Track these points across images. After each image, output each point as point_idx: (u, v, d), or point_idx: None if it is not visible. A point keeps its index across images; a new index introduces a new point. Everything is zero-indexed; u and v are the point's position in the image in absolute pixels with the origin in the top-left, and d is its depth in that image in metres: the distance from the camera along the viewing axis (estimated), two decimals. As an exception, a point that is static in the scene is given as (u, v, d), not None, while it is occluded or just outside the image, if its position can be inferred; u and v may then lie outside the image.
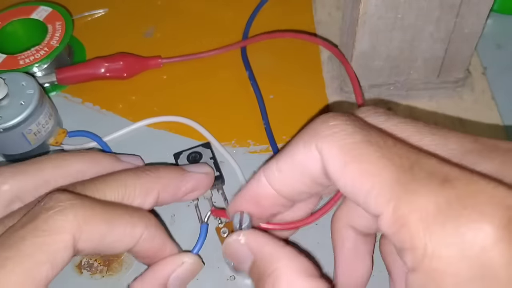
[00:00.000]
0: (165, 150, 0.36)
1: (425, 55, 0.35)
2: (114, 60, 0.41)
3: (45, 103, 0.36)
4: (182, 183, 0.30)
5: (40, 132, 0.36)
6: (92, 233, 0.24)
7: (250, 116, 0.39)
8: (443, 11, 0.33)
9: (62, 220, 0.23)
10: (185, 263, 0.28)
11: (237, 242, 0.25)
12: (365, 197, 0.19)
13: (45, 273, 0.22)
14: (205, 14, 0.46)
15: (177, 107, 0.39)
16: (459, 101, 0.38)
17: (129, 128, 0.38)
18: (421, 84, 0.37)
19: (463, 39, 0.35)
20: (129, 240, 0.26)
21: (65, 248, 0.23)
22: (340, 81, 0.38)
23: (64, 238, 0.23)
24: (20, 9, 0.43)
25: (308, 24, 0.44)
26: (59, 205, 0.23)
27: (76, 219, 0.23)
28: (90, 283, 0.32)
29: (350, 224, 0.26)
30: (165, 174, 0.30)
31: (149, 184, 0.29)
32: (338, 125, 0.21)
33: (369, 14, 0.32)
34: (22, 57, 0.40)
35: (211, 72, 0.42)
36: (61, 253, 0.23)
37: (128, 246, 0.26)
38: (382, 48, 0.35)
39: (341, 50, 0.38)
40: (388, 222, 0.18)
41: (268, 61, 0.42)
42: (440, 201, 0.17)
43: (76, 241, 0.23)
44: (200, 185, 0.32)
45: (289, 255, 0.23)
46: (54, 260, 0.22)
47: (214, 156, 0.35)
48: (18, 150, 0.36)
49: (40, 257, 0.22)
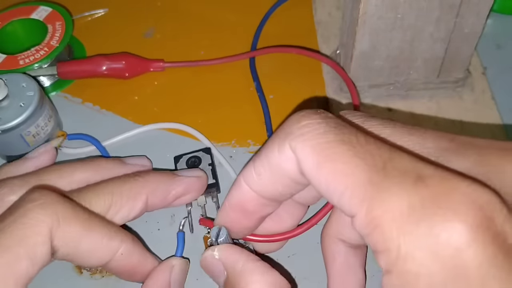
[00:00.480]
0: (166, 152, 0.36)
1: (425, 55, 0.35)
2: (117, 59, 0.41)
3: (45, 105, 0.36)
4: (171, 187, 0.30)
5: (39, 134, 0.35)
6: (68, 233, 0.24)
7: (250, 116, 0.39)
8: (443, 11, 0.33)
9: (40, 213, 0.23)
10: (175, 266, 0.29)
11: (211, 257, 0.25)
12: (339, 198, 0.19)
13: (25, 268, 0.22)
14: (204, 15, 0.46)
15: (178, 107, 0.39)
16: (459, 101, 0.38)
17: (129, 133, 0.38)
18: (421, 84, 0.37)
19: (463, 39, 0.35)
20: (105, 252, 0.26)
21: (43, 242, 0.23)
22: (340, 81, 0.38)
23: (42, 231, 0.23)
24: (20, 9, 0.43)
25: (308, 24, 0.44)
26: (40, 199, 0.23)
27: (56, 214, 0.23)
28: (90, 283, 0.32)
29: (339, 238, 0.26)
30: (154, 179, 0.30)
31: (137, 189, 0.29)
32: (311, 124, 0.20)
33: (369, 14, 0.32)
34: (22, 57, 0.40)
35: (211, 73, 0.42)
36: (39, 247, 0.22)
37: (104, 259, 0.26)
38: (382, 48, 0.35)
39: (341, 51, 0.39)
40: (362, 223, 0.18)
41: (269, 62, 0.42)
42: (413, 201, 0.17)
43: (52, 236, 0.23)
44: (191, 189, 0.31)
45: (261, 270, 0.23)
46: (33, 255, 0.22)
47: (213, 162, 0.35)
48: (16, 152, 0.36)
49: (18, 250, 0.22)
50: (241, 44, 0.43)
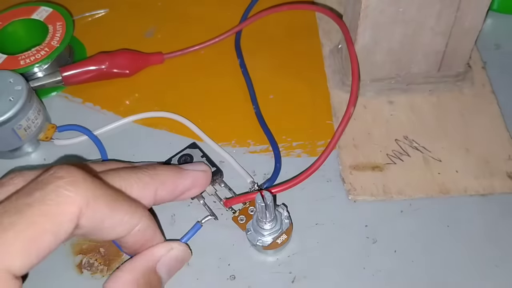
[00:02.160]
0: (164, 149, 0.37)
1: (426, 49, 0.36)
2: (117, 54, 0.41)
3: (34, 99, 0.36)
4: (179, 180, 0.31)
5: (30, 128, 0.36)
6: (96, 212, 0.24)
7: (250, 116, 0.39)
8: (444, 5, 0.33)
9: (72, 191, 0.23)
10: (173, 250, 0.29)
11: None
12: None
13: (48, 243, 0.22)
14: (205, 15, 0.46)
15: (178, 107, 0.39)
16: (459, 95, 0.38)
17: (119, 123, 0.39)
18: (422, 78, 0.38)
19: (463, 33, 0.35)
20: (124, 228, 0.26)
21: (71, 220, 0.23)
22: (342, 75, 0.39)
23: (71, 210, 0.23)
24: (21, 10, 0.43)
25: (310, 19, 0.44)
26: (70, 176, 0.23)
27: (86, 194, 0.23)
28: (91, 282, 0.32)
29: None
30: (163, 172, 0.30)
31: (147, 181, 0.29)
32: None
33: (371, 7, 0.33)
34: (23, 57, 0.40)
35: (212, 73, 0.42)
36: (65, 225, 0.22)
37: (122, 234, 0.26)
38: (384, 42, 0.35)
39: (343, 45, 0.39)
40: None
41: (269, 60, 0.42)
42: None
43: (81, 215, 0.23)
44: (197, 183, 0.32)
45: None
46: (58, 231, 0.22)
47: (205, 153, 0.35)
48: (8, 147, 0.36)
49: (45, 226, 0.22)
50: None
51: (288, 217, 0.32)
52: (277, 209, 0.32)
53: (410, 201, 0.33)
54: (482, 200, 0.33)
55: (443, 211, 0.33)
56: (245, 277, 0.31)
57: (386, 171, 0.35)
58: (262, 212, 0.30)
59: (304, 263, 0.32)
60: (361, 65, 0.36)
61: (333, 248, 0.32)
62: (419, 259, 0.31)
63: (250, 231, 0.31)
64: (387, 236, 0.32)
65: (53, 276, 0.32)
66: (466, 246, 0.32)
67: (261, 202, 0.29)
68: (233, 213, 0.33)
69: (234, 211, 0.33)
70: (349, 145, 0.36)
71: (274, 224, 0.31)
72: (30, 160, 0.37)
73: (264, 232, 0.31)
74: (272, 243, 0.31)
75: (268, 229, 0.31)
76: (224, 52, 0.43)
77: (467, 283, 0.30)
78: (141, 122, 0.39)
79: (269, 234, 0.31)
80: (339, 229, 0.33)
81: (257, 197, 0.29)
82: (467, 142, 0.36)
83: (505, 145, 0.36)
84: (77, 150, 0.38)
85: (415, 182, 0.34)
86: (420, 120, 0.37)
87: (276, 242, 0.31)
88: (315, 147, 0.36)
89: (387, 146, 0.36)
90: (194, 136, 0.38)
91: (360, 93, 0.38)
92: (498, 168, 0.34)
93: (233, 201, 0.33)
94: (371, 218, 0.33)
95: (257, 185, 0.34)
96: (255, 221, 0.31)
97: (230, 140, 0.37)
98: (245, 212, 0.33)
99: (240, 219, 0.33)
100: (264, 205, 0.29)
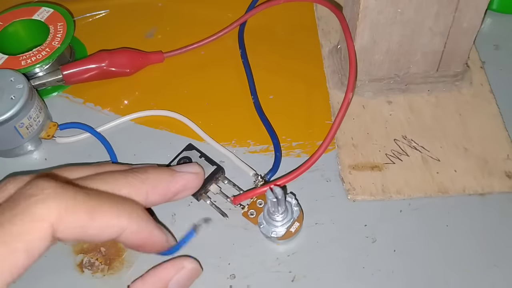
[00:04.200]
0: (165, 149, 0.37)
1: (425, 49, 0.36)
2: (117, 52, 0.41)
3: (35, 97, 0.36)
4: (171, 183, 0.31)
5: (31, 126, 0.36)
6: (73, 223, 0.24)
7: (250, 116, 0.39)
8: (442, 5, 0.33)
9: (42, 208, 0.23)
10: (185, 268, 0.29)
11: None
12: None
13: (21, 262, 0.22)
14: (205, 16, 0.46)
15: (178, 107, 0.39)
16: (458, 95, 0.38)
17: (120, 120, 0.39)
18: (420, 78, 0.38)
19: (462, 33, 0.35)
20: (113, 231, 0.26)
21: (43, 238, 0.23)
22: (341, 75, 0.39)
23: (42, 227, 0.23)
24: (22, 10, 0.43)
25: (309, 19, 0.45)
26: (41, 193, 0.23)
27: (58, 208, 0.23)
28: (91, 282, 0.32)
29: None
30: (154, 175, 0.30)
31: (136, 185, 0.28)
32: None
33: (369, 8, 0.33)
34: (24, 57, 0.40)
35: (212, 73, 0.42)
36: (38, 243, 0.22)
37: (112, 236, 0.26)
38: (382, 42, 0.35)
39: (342, 45, 0.39)
40: None
41: (268, 60, 0.42)
42: None
43: (55, 230, 0.23)
44: (189, 185, 0.32)
45: None
46: (30, 249, 0.22)
47: (203, 153, 0.35)
48: (10, 145, 0.36)
49: (16, 245, 0.22)
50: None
51: (297, 204, 0.32)
52: (286, 199, 0.32)
53: (409, 200, 0.34)
54: (480, 200, 0.34)
55: (442, 211, 0.33)
56: (245, 276, 0.31)
57: (385, 170, 0.35)
58: (274, 207, 0.30)
59: (303, 262, 0.32)
60: (360, 65, 0.36)
61: (333, 247, 0.32)
62: (418, 258, 0.31)
63: (262, 224, 0.32)
64: (387, 235, 0.32)
65: (54, 275, 0.32)
66: (465, 245, 0.32)
67: (273, 198, 0.30)
68: (242, 209, 0.33)
69: (243, 207, 0.33)
70: (348, 144, 0.36)
71: (286, 215, 0.31)
72: (32, 158, 0.38)
73: (277, 224, 0.31)
74: (286, 233, 0.31)
75: (280, 220, 0.31)
76: (224, 51, 0.43)
77: (466, 282, 0.30)
78: (141, 122, 0.39)
79: (282, 225, 0.31)
80: (338, 228, 0.33)
81: (268, 193, 0.30)
82: (465, 142, 0.36)
83: (503, 144, 0.36)
84: (79, 148, 0.38)
85: (414, 181, 0.34)
86: (419, 120, 0.37)
87: (290, 231, 0.32)
88: (314, 147, 0.37)
89: (386, 146, 0.36)
90: (194, 135, 0.38)
91: (359, 93, 0.38)
92: (497, 168, 0.34)
93: (241, 198, 0.33)
94: (370, 217, 0.33)
95: (260, 176, 0.34)
96: (266, 214, 0.32)
97: (230, 140, 0.38)
98: (254, 206, 0.33)
99: (250, 213, 0.33)
100: (275, 201, 0.30)
